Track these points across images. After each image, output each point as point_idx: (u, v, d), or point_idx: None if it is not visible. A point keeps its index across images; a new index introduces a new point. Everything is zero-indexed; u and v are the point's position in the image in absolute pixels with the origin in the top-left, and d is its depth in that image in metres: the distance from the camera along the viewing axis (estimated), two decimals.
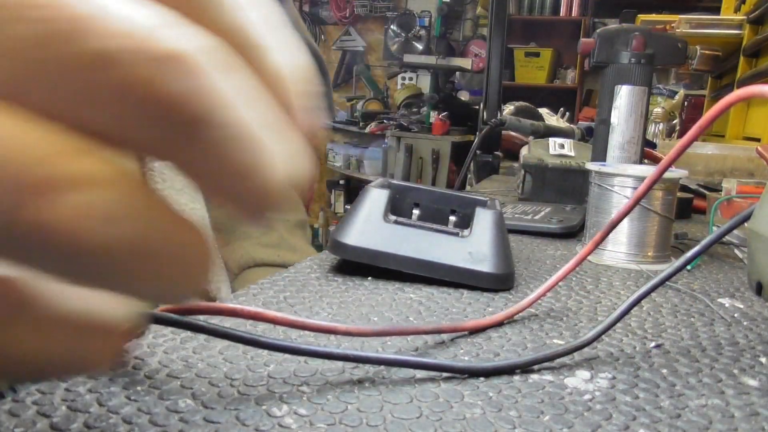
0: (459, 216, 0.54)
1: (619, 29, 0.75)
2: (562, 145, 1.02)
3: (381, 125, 3.90)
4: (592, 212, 0.63)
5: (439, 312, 0.43)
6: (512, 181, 1.29)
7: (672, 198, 0.60)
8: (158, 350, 0.34)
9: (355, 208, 0.50)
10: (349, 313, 0.42)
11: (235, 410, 0.28)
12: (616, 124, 0.75)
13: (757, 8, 1.65)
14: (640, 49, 0.73)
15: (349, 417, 0.28)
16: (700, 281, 0.56)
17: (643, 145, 0.76)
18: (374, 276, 0.50)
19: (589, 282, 0.54)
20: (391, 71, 4.25)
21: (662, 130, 2.31)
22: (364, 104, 4.28)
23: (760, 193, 0.76)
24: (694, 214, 0.96)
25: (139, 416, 0.27)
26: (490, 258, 0.48)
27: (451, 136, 3.40)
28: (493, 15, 1.39)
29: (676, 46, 0.76)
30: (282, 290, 0.46)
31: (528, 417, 0.29)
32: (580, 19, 4.02)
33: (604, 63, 0.75)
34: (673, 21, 1.76)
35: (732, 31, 1.78)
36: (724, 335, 0.42)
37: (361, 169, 4.15)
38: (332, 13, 4.52)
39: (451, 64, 3.58)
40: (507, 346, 0.38)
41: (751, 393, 0.33)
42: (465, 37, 4.22)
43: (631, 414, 0.30)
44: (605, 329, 0.37)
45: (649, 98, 0.75)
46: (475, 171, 1.52)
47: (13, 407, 0.27)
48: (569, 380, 0.33)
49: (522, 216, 0.78)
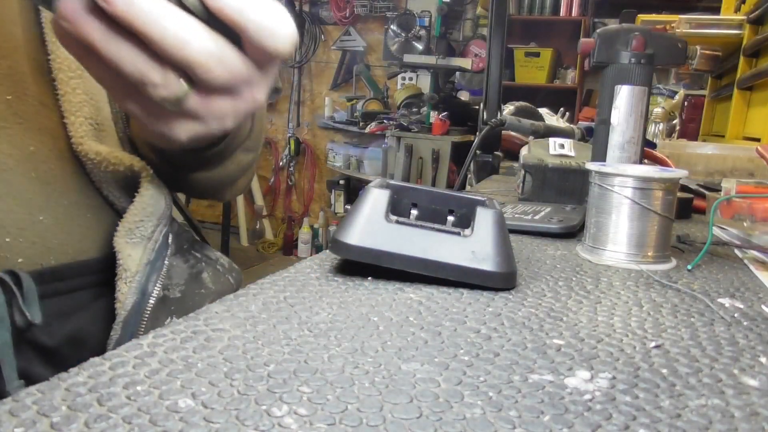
0: (457, 216, 0.54)
1: (619, 29, 0.75)
2: (562, 145, 1.02)
3: (381, 125, 3.90)
4: (592, 212, 0.63)
5: (439, 312, 0.43)
6: (512, 181, 1.29)
7: (672, 198, 0.60)
8: (158, 350, 0.34)
9: (356, 209, 0.50)
10: (349, 313, 0.42)
11: (235, 410, 0.28)
12: (616, 124, 0.75)
13: (757, 8, 1.65)
14: (640, 49, 0.73)
15: (349, 417, 0.28)
16: (700, 281, 0.56)
17: (643, 145, 0.76)
18: (374, 276, 0.50)
19: (589, 282, 0.54)
20: (391, 71, 4.25)
21: (662, 130, 2.31)
22: (364, 104, 4.28)
23: (760, 192, 0.76)
24: (694, 214, 0.96)
25: (139, 416, 0.27)
26: (492, 257, 0.48)
27: (451, 136, 3.40)
28: (493, 15, 1.39)
29: (676, 46, 0.76)
30: (282, 290, 0.46)
31: (528, 417, 0.29)
32: (580, 19, 4.02)
33: (604, 63, 0.75)
34: (673, 21, 1.76)
35: (732, 31, 1.78)
36: (724, 335, 0.42)
37: (361, 169, 4.15)
38: (332, 13, 4.52)
39: (451, 64, 3.57)
40: (507, 346, 0.38)
41: (751, 393, 0.33)
42: (465, 37, 4.22)
43: (631, 414, 0.30)
44: None
45: (649, 98, 0.75)
46: (475, 171, 1.52)
47: (13, 407, 0.27)
48: (569, 380, 0.33)
49: (522, 216, 0.78)
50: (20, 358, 0.45)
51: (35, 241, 0.47)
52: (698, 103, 2.31)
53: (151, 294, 0.50)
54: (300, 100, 4.74)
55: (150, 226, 0.50)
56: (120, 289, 0.49)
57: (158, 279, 0.51)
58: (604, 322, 0.43)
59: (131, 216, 0.49)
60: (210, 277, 0.58)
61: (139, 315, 0.49)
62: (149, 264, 0.50)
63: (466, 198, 0.54)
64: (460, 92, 3.79)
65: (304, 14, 4.55)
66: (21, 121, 0.47)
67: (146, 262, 0.50)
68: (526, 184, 0.99)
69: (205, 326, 0.38)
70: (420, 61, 3.77)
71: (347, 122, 4.31)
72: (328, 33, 4.63)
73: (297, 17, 4.50)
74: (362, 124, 4.07)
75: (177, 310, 0.53)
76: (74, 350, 0.48)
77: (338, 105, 4.56)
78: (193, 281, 0.55)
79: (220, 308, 0.41)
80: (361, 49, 4.54)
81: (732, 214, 0.75)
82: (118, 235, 0.49)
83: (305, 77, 4.74)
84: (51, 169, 0.49)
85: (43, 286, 0.46)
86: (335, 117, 4.48)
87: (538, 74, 4.10)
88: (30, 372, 0.45)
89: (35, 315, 0.45)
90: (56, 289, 0.48)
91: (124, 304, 0.49)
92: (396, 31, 4.18)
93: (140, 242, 0.50)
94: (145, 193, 0.50)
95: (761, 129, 1.55)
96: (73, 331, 0.49)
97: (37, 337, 0.46)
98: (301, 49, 4.60)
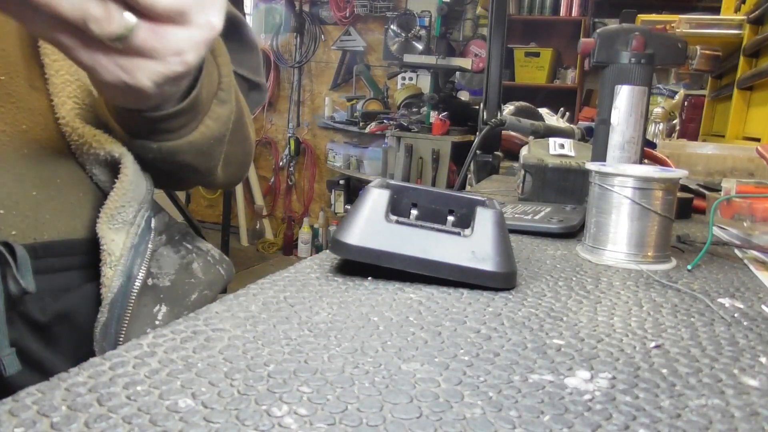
0: (457, 216, 0.54)
1: (619, 29, 0.75)
2: (562, 145, 1.02)
3: (381, 125, 3.90)
4: (592, 212, 0.63)
5: (439, 312, 0.43)
6: (512, 181, 1.29)
7: (672, 198, 0.60)
8: (158, 350, 0.34)
9: (356, 209, 0.50)
10: (349, 313, 0.42)
11: (235, 410, 0.28)
12: (616, 124, 0.75)
13: (757, 8, 1.65)
14: (640, 49, 0.73)
15: (349, 417, 0.28)
16: (700, 281, 0.56)
17: (643, 145, 0.76)
18: (374, 276, 0.50)
19: (589, 282, 0.54)
20: (391, 71, 4.24)
21: (662, 130, 2.31)
22: (364, 104, 4.28)
23: (760, 193, 0.76)
24: (694, 214, 0.96)
25: (139, 416, 0.27)
26: (493, 257, 0.48)
27: (451, 136, 3.40)
28: (493, 15, 1.39)
29: (676, 46, 0.76)
30: (282, 290, 0.46)
31: (528, 417, 0.29)
32: (580, 19, 4.02)
33: (604, 63, 0.75)
34: (673, 21, 1.76)
35: (732, 31, 1.78)
36: (724, 335, 0.42)
37: (361, 169, 4.14)
38: (332, 13, 4.51)
39: (451, 64, 3.57)
40: (507, 346, 0.38)
41: (751, 393, 0.33)
42: (465, 37, 4.21)
43: (631, 414, 0.30)
44: None
45: (649, 98, 0.75)
46: (475, 171, 1.52)
47: (13, 407, 0.27)
48: (569, 380, 0.33)
49: (522, 216, 0.78)
50: (12, 329, 0.46)
51: (28, 214, 0.48)
52: (698, 103, 2.31)
53: (137, 277, 0.51)
54: (300, 100, 4.74)
55: (131, 212, 0.50)
56: (105, 274, 0.50)
57: (143, 263, 0.51)
58: (604, 322, 0.43)
59: (111, 202, 0.50)
60: (200, 267, 0.58)
61: (126, 298, 0.50)
62: (133, 248, 0.50)
63: (466, 198, 0.54)
64: (460, 92, 3.79)
65: (304, 14, 4.55)
66: (13, 100, 0.49)
67: (129, 246, 0.50)
68: (526, 184, 0.99)
69: (205, 326, 0.38)
70: (420, 61, 3.77)
71: (347, 122, 4.31)
72: (328, 33, 4.63)
73: (297, 17, 4.50)
74: (362, 124, 4.07)
75: (166, 298, 0.53)
76: (64, 328, 0.49)
77: (338, 105, 4.56)
78: (183, 271, 0.56)
79: (220, 308, 0.41)
80: (361, 49, 4.54)
81: (732, 214, 0.75)
82: (101, 222, 0.50)
83: (305, 77, 4.74)
84: (42, 147, 0.50)
85: (36, 261, 0.47)
86: (335, 117, 4.48)
87: (538, 74, 4.10)
88: (21, 344, 0.46)
89: (29, 284, 0.45)
90: (49, 265, 0.49)
91: (110, 288, 0.49)
92: (396, 31, 4.18)
93: (122, 227, 0.50)
94: (125, 179, 0.50)
95: (761, 129, 1.55)
96: (63, 309, 0.49)
97: (29, 311, 0.47)
98: (301, 49, 4.60)
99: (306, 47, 4.61)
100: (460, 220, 0.53)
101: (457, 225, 0.52)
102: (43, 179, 0.49)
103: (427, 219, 0.52)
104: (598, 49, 0.75)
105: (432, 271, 0.48)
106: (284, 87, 4.76)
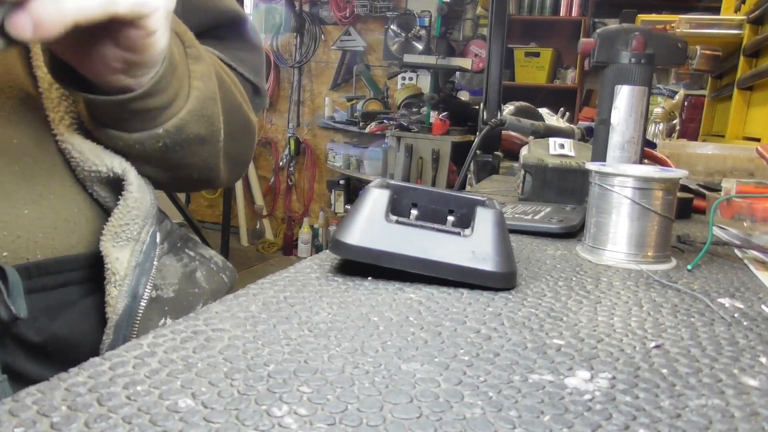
0: (457, 216, 0.54)
1: (619, 29, 0.75)
2: (562, 145, 1.02)
3: (381, 125, 3.90)
4: (592, 212, 0.63)
5: (439, 312, 0.43)
6: (512, 181, 1.29)
7: (672, 198, 0.60)
8: (158, 350, 0.34)
9: (356, 209, 0.50)
10: (349, 313, 0.42)
11: (235, 410, 0.28)
12: (616, 124, 0.75)
13: (757, 8, 1.65)
14: (640, 49, 0.73)
15: (349, 417, 0.28)
16: (700, 281, 0.56)
17: (643, 145, 0.76)
18: (374, 276, 0.50)
19: (589, 282, 0.54)
20: (391, 71, 4.24)
21: (662, 130, 2.31)
22: (364, 104, 4.28)
23: (760, 192, 0.76)
24: (694, 214, 0.96)
25: (139, 416, 0.27)
26: (493, 257, 0.48)
27: (451, 136, 3.40)
28: (493, 15, 1.39)
29: (676, 46, 0.76)
30: (282, 290, 0.46)
31: (528, 417, 0.29)
32: (580, 19, 4.02)
33: (604, 63, 0.75)
34: (673, 21, 1.76)
35: (732, 31, 1.78)
36: (724, 335, 0.42)
37: (361, 169, 4.14)
38: (332, 13, 4.51)
39: (451, 64, 3.57)
40: (507, 346, 0.38)
41: (751, 393, 0.33)
42: (465, 37, 4.21)
43: (631, 414, 0.30)
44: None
45: (649, 98, 0.75)
46: (475, 171, 1.52)
47: (13, 407, 0.27)
48: (569, 380, 0.33)
49: (522, 216, 0.78)
50: (4, 352, 0.44)
51: (20, 234, 0.46)
52: (698, 103, 2.31)
53: (142, 296, 0.49)
54: (300, 100, 4.74)
55: (136, 228, 0.49)
56: (110, 293, 0.48)
57: (148, 281, 0.50)
58: (604, 322, 0.43)
59: (116, 219, 0.49)
60: (204, 276, 0.57)
61: (131, 318, 0.49)
62: (138, 266, 0.49)
63: (466, 198, 0.54)
64: (460, 92, 3.79)
65: (304, 14, 4.55)
66: (3, 113, 0.47)
67: (134, 264, 0.49)
68: (526, 184, 0.99)
69: (205, 326, 0.38)
70: (420, 61, 3.77)
71: (347, 122, 4.31)
72: (328, 33, 4.63)
73: (297, 17, 4.50)
74: (362, 124, 4.07)
75: (171, 310, 0.52)
76: (62, 348, 0.47)
77: (338, 105, 4.56)
78: (187, 280, 0.55)
79: (220, 308, 0.41)
80: (361, 49, 4.54)
81: (732, 214, 0.75)
82: (104, 239, 0.48)
83: (305, 77, 4.73)
84: (35, 162, 0.48)
85: (29, 281, 0.45)
86: (335, 117, 4.48)
87: (538, 74, 4.10)
88: (14, 367, 0.45)
89: (20, 309, 0.43)
90: (43, 284, 0.47)
91: (115, 308, 0.48)
92: (396, 31, 4.18)
93: (127, 244, 0.49)
94: (129, 196, 0.49)
95: (761, 129, 1.55)
96: (61, 328, 0.48)
97: (22, 333, 0.45)
98: (301, 49, 4.60)
99: (306, 47, 4.61)
100: (460, 220, 0.53)
101: (457, 225, 0.52)
102: (35, 196, 0.47)
103: (427, 219, 0.52)
104: (598, 49, 0.75)
105: (432, 271, 0.48)
106: (284, 87, 4.76)
